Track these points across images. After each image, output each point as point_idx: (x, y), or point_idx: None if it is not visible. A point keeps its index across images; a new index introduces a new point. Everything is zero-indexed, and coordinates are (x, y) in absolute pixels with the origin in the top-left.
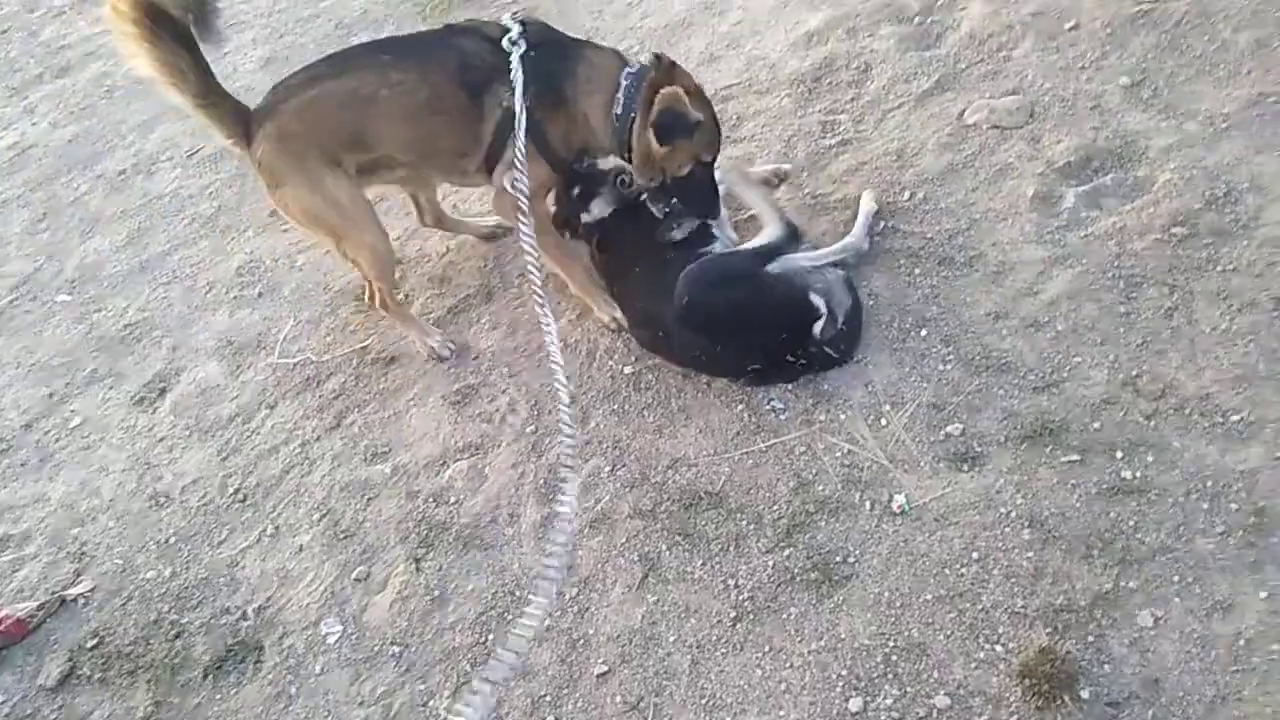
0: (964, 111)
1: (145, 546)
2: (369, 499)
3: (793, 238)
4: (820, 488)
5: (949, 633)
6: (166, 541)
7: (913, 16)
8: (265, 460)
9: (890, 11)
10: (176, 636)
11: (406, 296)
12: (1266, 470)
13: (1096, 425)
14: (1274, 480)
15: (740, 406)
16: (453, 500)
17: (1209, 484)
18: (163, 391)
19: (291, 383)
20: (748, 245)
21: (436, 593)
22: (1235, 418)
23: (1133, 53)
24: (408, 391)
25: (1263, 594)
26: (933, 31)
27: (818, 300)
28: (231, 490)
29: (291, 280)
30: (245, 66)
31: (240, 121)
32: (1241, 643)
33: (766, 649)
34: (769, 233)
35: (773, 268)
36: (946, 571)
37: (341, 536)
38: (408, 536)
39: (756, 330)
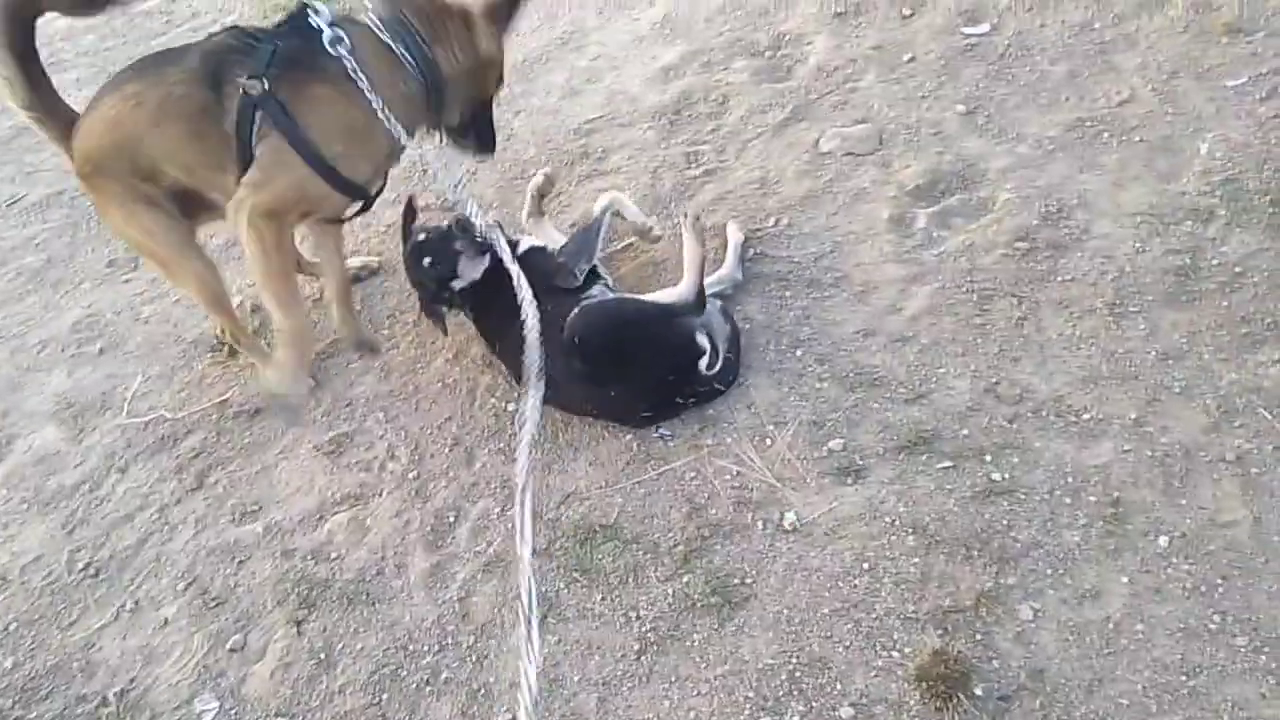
0: (819, 140)
1: None
2: (240, 562)
3: (698, 307)
4: (713, 511)
5: (848, 644)
6: (5, 628)
7: (763, 51)
8: (119, 530)
9: (741, 46)
10: None
11: (268, 343)
12: (1117, 463)
13: (965, 432)
14: (1124, 472)
15: (629, 436)
16: (333, 555)
17: (1069, 480)
18: None
19: (144, 444)
20: (652, 297)
21: (322, 655)
22: (1086, 416)
23: (965, 83)
24: (276, 444)
25: (1124, 579)
26: (783, 65)
27: (702, 339)
28: (81, 565)
29: (137, 334)
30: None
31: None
32: (1111, 626)
33: (673, 678)
34: (679, 292)
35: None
36: (840, 584)
37: (212, 605)
38: (286, 598)
39: (643, 370)
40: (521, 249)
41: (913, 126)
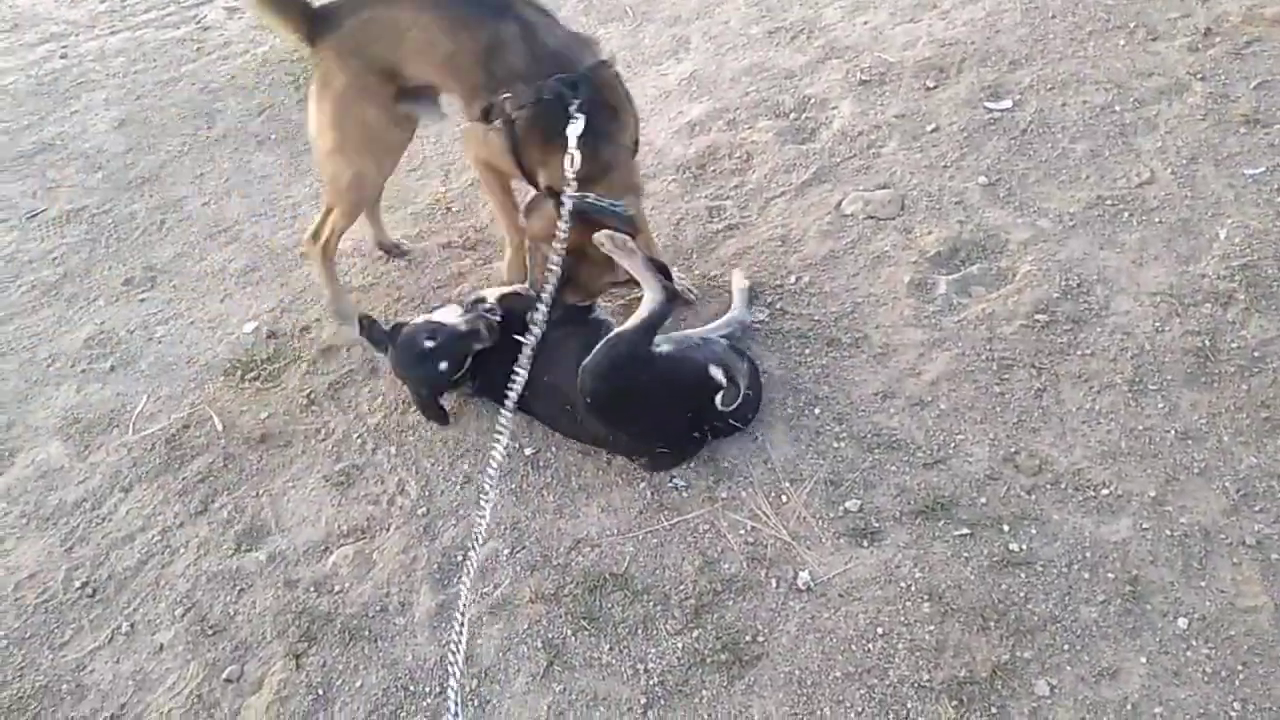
0: (841, 202)
1: None
2: (241, 590)
3: (671, 298)
4: (726, 566)
5: (860, 710)
6: None
7: (788, 113)
8: (118, 550)
9: (767, 107)
10: None
11: (292, 362)
12: (1136, 540)
13: (983, 500)
14: (1143, 550)
15: (642, 484)
16: (337, 589)
17: (1088, 555)
18: None
19: (150, 464)
20: (631, 322)
21: (320, 691)
22: (1105, 491)
23: (987, 155)
24: (284, 472)
25: (1143, 659)
26: (807, 127)
27: (716, 372)
28: (77, 584)
29: (150, 353)
30: (97, 127)
31: (306, 20)
32: (1129, 707)
33: None
34: (648, 300)
35: (665, 347)
36: (854, 647)
37: (209, 632)
38: (286, 630)
39: (663, 411)
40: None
41: (935, 194)
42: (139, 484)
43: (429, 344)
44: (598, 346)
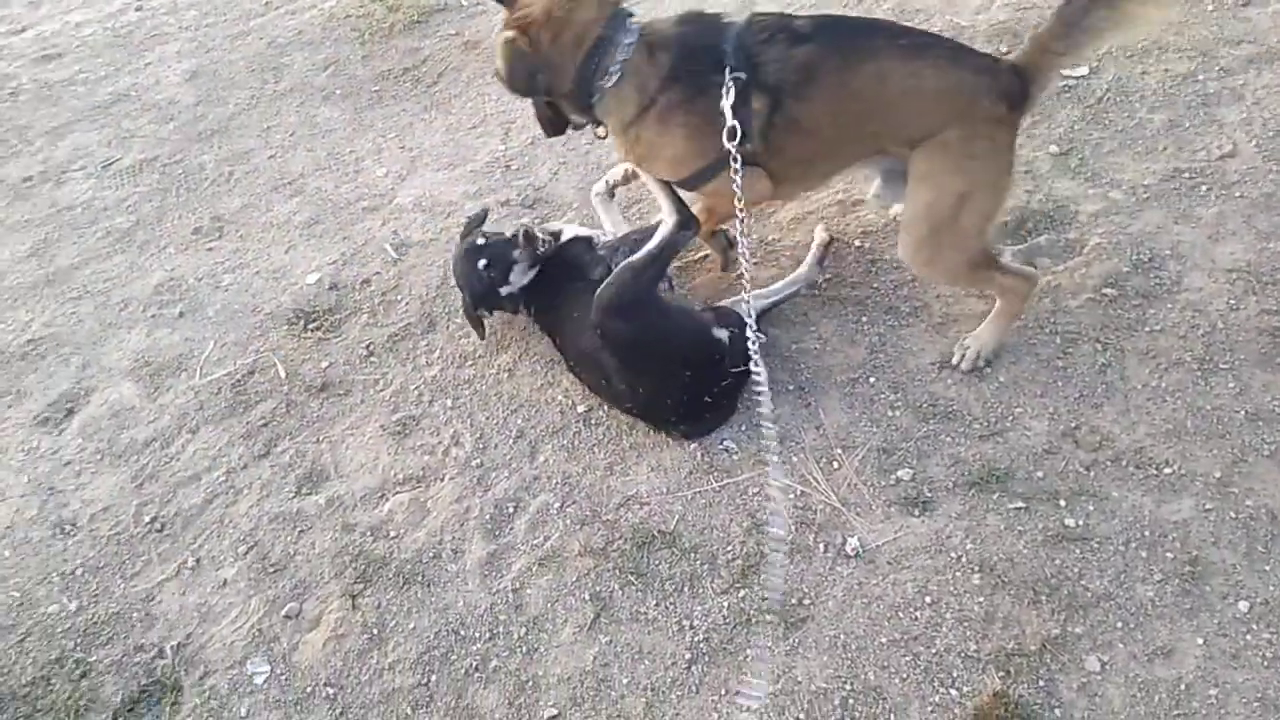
0: None
1: (47, 578)
2: (301, 531)
3: (684, 226)
4: (774, 529)
5: (904, 676)
6: (72, 573)
7: None
8: (185, 488)
9: None
10: (82, 676)
11: (342, 324)
12: (1198, 521)
13: (1040, 474)
14: (1205, 531)
15: (693, 445)
16: (392, 534)
17: (1146, 533)
18: (70, 412)
19: (216, 407)
20: (640, 252)
21: (374, 631)
22: (1167, 470)
23: (1060, 124)
24: (343, 420)
25: (1200, 640)
26: None
27: (720, 333)
28: (147, 519)
29: (216, 300)
30: (169, 79)
31: None
32: (1182, 687)
33: (722, 691)
34: (662, 228)
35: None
36: (900, 615)
37: (270, 570)
38: (343, 571)
39: (671, 356)
40: (565, 237)
41: None
42: (205, 426)
43: (479, 242)
44: (609, 278)
